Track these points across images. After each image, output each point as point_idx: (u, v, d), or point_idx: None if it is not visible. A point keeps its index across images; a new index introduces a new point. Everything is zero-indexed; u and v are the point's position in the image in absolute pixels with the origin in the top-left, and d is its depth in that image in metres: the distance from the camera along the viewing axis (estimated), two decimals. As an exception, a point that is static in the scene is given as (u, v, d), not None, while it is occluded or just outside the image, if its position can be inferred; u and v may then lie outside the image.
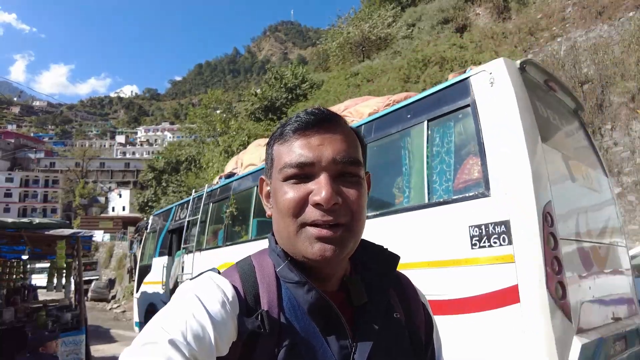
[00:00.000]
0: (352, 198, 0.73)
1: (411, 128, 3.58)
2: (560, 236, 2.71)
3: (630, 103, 10.12)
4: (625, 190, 9.07)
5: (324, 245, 0.70)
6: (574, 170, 3.31)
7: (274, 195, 0.78)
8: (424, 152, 3.37)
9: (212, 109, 33.08)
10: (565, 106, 3.82)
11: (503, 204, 2.78)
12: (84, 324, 6.36)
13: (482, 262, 2.81)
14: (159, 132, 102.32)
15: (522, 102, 2.95)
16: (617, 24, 12.09)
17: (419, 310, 0.88)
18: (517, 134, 2.81)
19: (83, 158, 69.57)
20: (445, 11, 20.32)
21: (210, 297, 0.69)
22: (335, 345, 0.72)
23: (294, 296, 0.75)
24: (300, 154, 0.73)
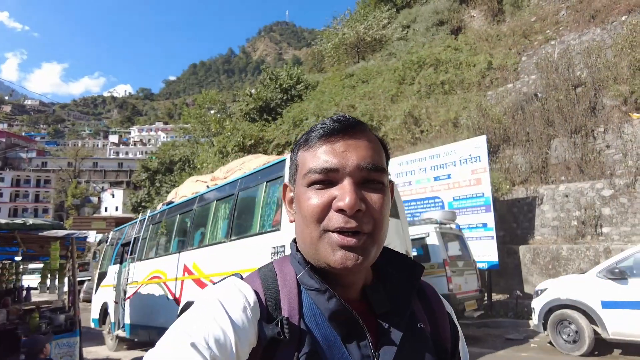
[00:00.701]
0: (376, 205, 0.72)
1: (260, 185, 5.52)
2: None
3: (622, 106, 10.22)
4: (617, 192, 9.16)
5: (346, 253, 0.70)
6: None
7: (297, 200, 0.78)
8: (261, 201, 5.37)
9: (207, 109, 32.94)
10: None
11: (284, 235, 4.75)
12: (78, 326, 6.30)
13: None
14: (152, 132, 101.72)
15: None
16: (610, 27, 12.21)
17: (445, 320, 0.86)
18: None
19: (76, 158, 68.96)
20: (440, 13, 20.39)
21: (232, 302, 0.69)
22: (356, 354, 0.71)
23: (315, 303, 0.74)
24: (325, 160, 0.73)
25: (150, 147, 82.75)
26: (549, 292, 6.58)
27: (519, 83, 13.23)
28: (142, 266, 7.82)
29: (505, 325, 8.53)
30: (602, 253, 8.46)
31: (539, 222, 10.27)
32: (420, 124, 14.29)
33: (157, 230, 7.91)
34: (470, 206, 10.10)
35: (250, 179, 5.78)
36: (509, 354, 6.62)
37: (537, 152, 11.00)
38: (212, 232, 6.19)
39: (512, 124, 11.91)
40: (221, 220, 6.09)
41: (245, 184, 5.83)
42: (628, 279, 5.72)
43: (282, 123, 19.84)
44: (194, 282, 6.09)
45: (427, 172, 11.24)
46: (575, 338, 6.17)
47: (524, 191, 10.73)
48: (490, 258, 9.49)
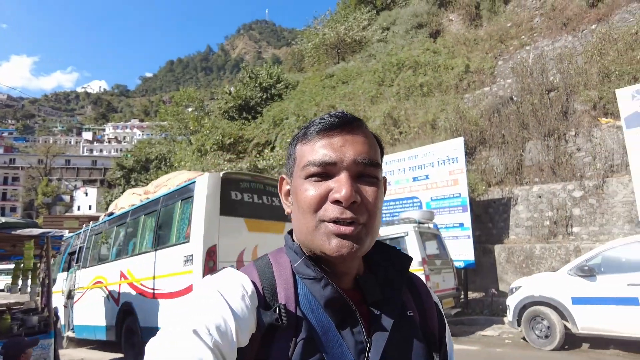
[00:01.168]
0: (370, 198, 0.76)
1: (176, 202, 6.33)
2: (220, 260, 5.50)
3: (592, 111, 10.63)
4: (587, 193, 9.52)
5: (341, 241, 0.73)
6: (254, 225, 6.06)
7: (294, 192, 0.80)
8: (177, 216, 6.19)
9: (184, 107, 32.48)
10: (259, 189, 6.43)
11: (192, 246, 5.60)
12: (52, 327, 6.14)
13: (183, 274, 5.66)
14: (128, 129, 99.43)
15: (210, 196, 5.70)
16: (581, 35, 12.67)
17: (432, 309, 0.91)
18: (202, 212, 5.62)
19: (47, 155, 66.81)
20: (419, 16, 20.68)
21: (230, 291, 0.72)
22: (350, 340, 0.74)
23: (310, 292, 0.77)
24: (324, 154, 0.76)
25: (125, 144, 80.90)
26: (523, 289, 6.80)
27: (495, 86, 13.58)
28: (86, 273, 8.60)
29: (481, 322, 8.76)
30: (573, 252, 8.79)
31: (514, 222, 10.58)
32: (399, 125, 14.49)
33: (99, 240, 8.75)
34: (447, 206, 10.32)
35: (169, 197, 6.61)
36: (484, 350, 6.80)
37: (512, 154, 11.32)
38: (141, 243, 6.97)
39: (489, 126, 12.21)
40: (148, 232, 6.86)
41: (166, 201, 6.67)
42: (596, 276, 5.98)
43: (262, 122, 19.78)
44: (129, 285, 6.90)
45: (406, 172, 11.42)
46: (547, 333, 6.41)
47: (499, 192, 11.03)
48: (466, 257, 9.72)
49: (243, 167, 16.93)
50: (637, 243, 5.98)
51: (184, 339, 0.63)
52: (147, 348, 0.64)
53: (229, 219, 5.74)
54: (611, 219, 9.09)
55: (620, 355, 6.05)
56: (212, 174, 5.92)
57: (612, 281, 5.84)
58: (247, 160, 17.36)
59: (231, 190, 5.96)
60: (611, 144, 9.72)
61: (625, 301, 5.66)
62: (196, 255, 5.48)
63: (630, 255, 5.94)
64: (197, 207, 5.70)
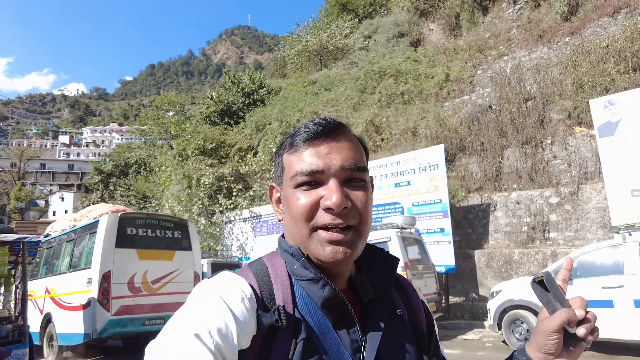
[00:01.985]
0: (360, 202, 0.78)
1: (86, 235, 7.73)
2: (114, 282, 7.05)
3: (567, 120, 10.98)
4: (563, 200, 9.80)
5: (335, 247, 0.75)
6: (145, 254, 7.57)
7: (285, 201, 0.82)
8: (86, 246, 7.60)
9: (165, 111, 32.09)
10: (153, 224, 8.04)
11: (92, 271, 7.08)
12: (27, 336, 5.96)
13: (85, 292, 7.11)
14: (106, 133, 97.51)
15: (108, 232, 7.23)
16: (555, 47, 13.10)
17: (420, 307, 0.94)
18: (100, 245, 7.12)
19: (20, 158, 64.75)
20: (400, 25, 21.01)
21: (230, 294, 0.73)
22: (346, 339, 0.77)
23: (307, 293, 0.79)
24: (311, 163, 0.77)
25: (104, 148, 79.27)
26: (503, 293, 6.95)
27: (474, 95, 13.89)
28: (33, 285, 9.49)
29: (462, 326, 8.88)
30: (550, 256, 9.02)
31: (493, 228, 10.80)
32: (381, 132, 14.65)
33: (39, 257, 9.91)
34: (428, 212, 10.47)
35: (83, 229, 7.99)
36: (466, 354, 6.91)
37: (491, 161, 11.58)
38: (62, 264, 8.37)
39: (468, 134, 12.47)
40: (67, 256, 8.23)
41: (80, 232, 8.03)
42: (573, 280, 6.17)
43: (244, 127, 19.68)
44: (50, 299, 8.21)
45: (388, 178, 11.55)
46: (527, 336, 6.55)
47: (478, 198, 11.25)
48: (447, 262, 9.87)
49: (225, 172, 16.81)
50: (609, 248, 6.20)
51: (186, 342, 0.64)
52: (148, 351, 0.65)
53: (123, 250, 7.31)
54: (585, 224, 9.38)
55: (595, 357, 6.24)
56: (111, 215, 7.51)
57: (587, 285, 6.03)
58: (230, 166, 17.24)
59: (127, 227, 7.50)
60: (585, 152, 10.06)
61: (600, 304, 5.85)
62: (94, 278, 7.02)
63: (604, 259, 6.15)
64: (98, 241, 7.20)
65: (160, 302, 7.49)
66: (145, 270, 7.38)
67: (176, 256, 7.93)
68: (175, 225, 8.26)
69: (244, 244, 15.30)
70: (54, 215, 53.63)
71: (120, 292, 7.07)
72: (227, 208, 16.16)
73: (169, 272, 7.75)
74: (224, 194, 16.58)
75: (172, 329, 0.68)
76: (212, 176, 16.53)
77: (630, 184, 7.96)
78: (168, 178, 21.99)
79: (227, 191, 16.59)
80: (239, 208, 15.75)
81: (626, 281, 5.71)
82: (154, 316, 7.38)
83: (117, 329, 7.03)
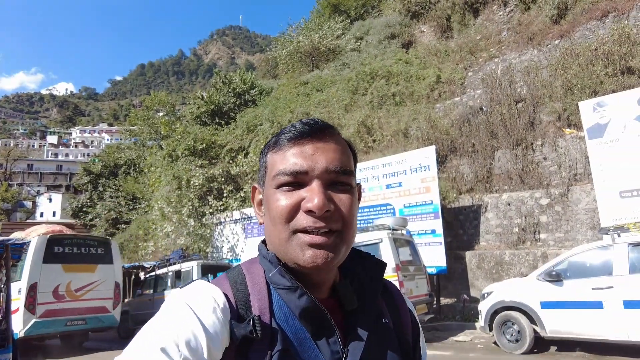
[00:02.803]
0: (344, 206, 0.74)
1: (25, 251, 8.60)
2: (40, 291, 8.65)
3: (557, 122, 11.07)
4: (553, 201, 9.87)
5: (315, 251, 0.71)
6: (69, 268, 9.16)
7: (266, 202, 0.78)
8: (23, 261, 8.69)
9: (155, 111, 31.83)
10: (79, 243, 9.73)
11: (22, 283, 8.53)
12: (10, 341, 5.82)
13: (16, 300, 7.77)
14: (96, 133, 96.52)
15: (37, 251, 8.77)
16: (545, 49, 13.21)
17: (407, 316, 0.90)
18: (29, 261, 8.67)
19: (7, 158, 63.80)
20: (392, 27, 21.06)
21: (200, 304, 0.69)
22: (326, 350, 0.73)
23: (285, 302, 0.75)
24: (295, 162, 0.74)
25: (93, 149, 78.44)
26: (494, 295, 6.96)
27: (465, 97, 13.95)
28: None
29: (453, 327, 8.89)
30: (540, 258, 9.07)
31: (484, 229, 10.84)
32: (372, 134, 14.65)
33: None
34: (419, 213, 10.47)
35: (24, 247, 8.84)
36: (457, 355, 6.90)
37: (482, 163, 11.63)
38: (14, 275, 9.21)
39: (459, 135, 12.52)
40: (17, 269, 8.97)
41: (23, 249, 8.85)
42: (563, 281, 6.19)
43: (235, 128, 19.56)
44: None
45: (380, 179, 11.54)
46: (517, 337, 6.56)
47: (469, 199, 11.29)
48: (438, 263, 9.87)
49: (215, 173, 16.67)
50: (599, 249, 6.23)
51: (151, 356, 0.60)
52: None
53: (49, 265, 8.84)
54: (575, 225, 9.45)
55: (585, 357, 6.26)
56: (41, 237, 9.00)
57: (577, 286, 6.05)
58: (220, 167, 17.10)
59: (55, 246, 9.12)
60: (575, 153, 10.14)
61: (590, 305, 5.87)
62: (22, 289, 8.44)
63: (593, 260, 6.18)
64: (28, 258, 8.67)
65: (82, 306, 9.24)
66: (69, 281, 9.12)
67: (98, 269, 9.71)
68: (99, 244, 10.10)
69: (235, 245, 15.19)
70: (41, 216, 52.89)
71: (45, 299, 8.71)
72: (217, 209, 16.03)
73: (91, 282, 9.52)
74: (215, 195, 16.45)
75: (138, 342, 0.64)
76: (203, 177, 16.38)
77: (619, 185, 8.04)
78: (158, 179, 21.79)
79: (217, 192, 16.45)
80: (230, 209, 15.63)
81: (615, 282, 5.75)
82: (76, 318, 9.15)
83: (42, 329, 8.62)
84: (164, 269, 11.62)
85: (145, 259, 18.58)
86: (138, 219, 25.99)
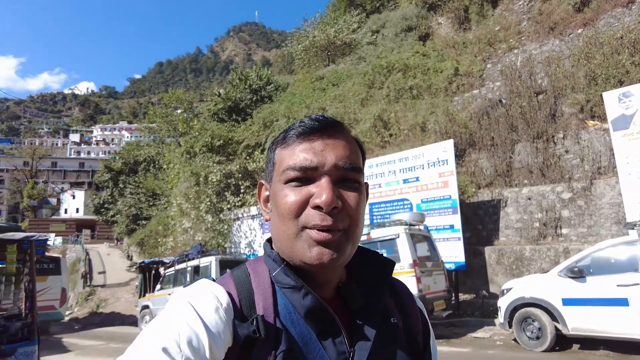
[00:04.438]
0: (352, 203, 0.74)
1: None
2: None
3: (579, 114, 10.75)
4: (575, 195, 9.61)
5: (322, 249, 0.71)
6: None
7: (273, 198, 0.78)
8: None
9: (173, 109, 32.24)
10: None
11: None
12: (36, 334, 5.99)
13: None
14: (116, 131, 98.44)
15: None
16: (567, 39, 12.83)
17: (417, 315, 0.88)
18: None
19: (33, 157, 65.63)
20: (408, 19, 20.78)
21: (203, 304, 0.69)
22: (332, 351, 0.72)
23: (290, 301, 0.74)
24: (304, 158, 0.74)
25: (113, 146, 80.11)
26: (514, 291, 6.82)
27: (484, 89, 13.68)
28: None
29: (472, 324, 8.77)
30: (562, 253, 8.86)
31: (503, 224, 10.64)
32: (389, 128, 14.51)
33: None
34: (437, 208, 10.34)
35: None
36: (476, 352, 6.81)
37: (502, 157, 11.40)
38: None
39: (478, 128, 12.29)
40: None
41: None
42: (586, 277, 6.02)
43: (252, 124, 19.66)
44: None
45: (397, 174, 11.43)
46: (538, 335, 6.43)
47: (489, 194, 11.09)
48: (457, 259, 9.74)
49: (232, 169, 16.80)
50: (624, 244, 6.04)
51: (153, 357, 0.59)
52: None
53: None
54: (599, 220, 9.18)
55: (609, 356, 6.09)
56: None
57: (601, 282, 5.88)
58: (237, 163, 17.23)
59: None
60: (598, 146, 9.84)
61: (614, 302, 5.70)
62: None
63: (619, 256, 5.99)
64: None
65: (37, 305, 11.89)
66: None
67: (49, 279, 12.63)
68: (51, 261, 13.21)
69: (252, 241, 15.31)
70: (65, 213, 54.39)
71: None
72: (234, 205, 16.18)
73: (42, 288, 11.87)
74: (232, 191, 16.59)
75: (140, 342, 0.63)
76: (220, 173, 16.54)
77: (646, 178, 7.75)
78: (176, 175, 22.11)
79: (234, 188, 16.59)
80: (247, 205, 15.75)
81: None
82: None
83: None
84: (183, 264, 11.76)
85: (165, 254, 18.91)
86: (158, 215, 26.48)
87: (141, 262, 15.84)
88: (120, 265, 28.23)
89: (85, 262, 26.78)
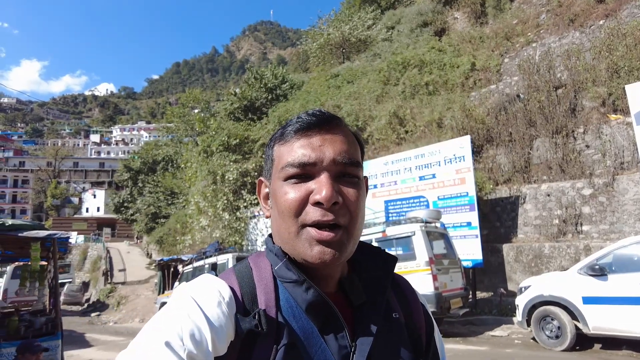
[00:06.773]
0: (352, 198, 0.74)
1: None
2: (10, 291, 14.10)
3: (601, 108, 10.48)
4: (596, 191, 9.38)
5: (323, 248, 0.71)
6: None
7: (273, 195, 0.78)
8: None
9: (190, 109, 32.62)
10: None
11: None
12: (59, 328, 6.16)
13: None
14: (135, 131, 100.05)
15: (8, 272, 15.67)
16: (588, 31, 12.50)
17: (419, 310, 0.88)
18: None
19: (55, 157, 67.36)
20: (424, 15, 20.56)
21: (206, 298, 0.69)
22: (334, 345, 0.72)
23: (292, 295, 0.74)
24: (303, 154, 0.73)
25: (132, 146, 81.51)
26: (533, 289, 6.71)
27: (501, 84, 13.45)
28: None
29: (490, 322, 8.66)
30: (582, 250, 8.66)
31: (522, 221, 10.46)
32: (405, 124, 14.40)
33: None
34: (454, 205, 10.23)
35: None
36: (493, 351, 6.72)
37: (520, 152, 11.20)
38: None
39: (495, 124, 12.09)
40: None
41: None
42: (608, 275, 5.87)
43: (267, 122, 19.75)
44: None
45: (413, 171, 11.34)
46: (557, 334, 6.31)
47: (507, 190, 10.91)
48: (474, 256, 9.63)
49: (249, 167, 16.93)
50: (648, 241, 5.87)
51: (156, 352, 0.60)
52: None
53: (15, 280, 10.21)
54: (622, 217, 8.95)
55: (633, 356, 5.94)
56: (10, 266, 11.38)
57: (624, 280, 5.73)
58: (253, 161, 17.36)
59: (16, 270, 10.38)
60: (621, 140, 9.58)
61: (638, 300, 5.55)
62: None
63: (642, 253, 5.82)
64: None
65: None
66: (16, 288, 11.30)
67: None
68: None
69: (269, 238, 15.40)
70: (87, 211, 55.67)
71: None
72: (251, 203, 16.30)
73: None
74: (249, 189, 16.73)
75: (143, 336, 0.64)
76: (237, 172, 16.68)
77: (671, 173, 7.52)
78: (194, 174, 22.39)
79: (251, 186, 16.72)
80: (263, 203, 15.85)
81: (666, 277, 5.40)
82: None
83: None
84: (201, 261, 11.92)
85: (184, 252, 19.19)
86: (176, 213, 26.87)
87: (160, 260, 16.13)
88: (140, 262, 28.78)
89: (106, 260, 27.38)
